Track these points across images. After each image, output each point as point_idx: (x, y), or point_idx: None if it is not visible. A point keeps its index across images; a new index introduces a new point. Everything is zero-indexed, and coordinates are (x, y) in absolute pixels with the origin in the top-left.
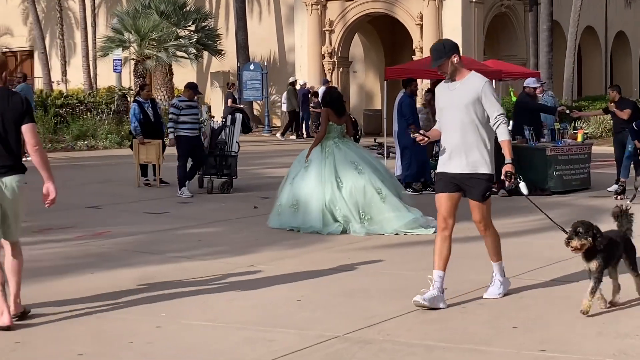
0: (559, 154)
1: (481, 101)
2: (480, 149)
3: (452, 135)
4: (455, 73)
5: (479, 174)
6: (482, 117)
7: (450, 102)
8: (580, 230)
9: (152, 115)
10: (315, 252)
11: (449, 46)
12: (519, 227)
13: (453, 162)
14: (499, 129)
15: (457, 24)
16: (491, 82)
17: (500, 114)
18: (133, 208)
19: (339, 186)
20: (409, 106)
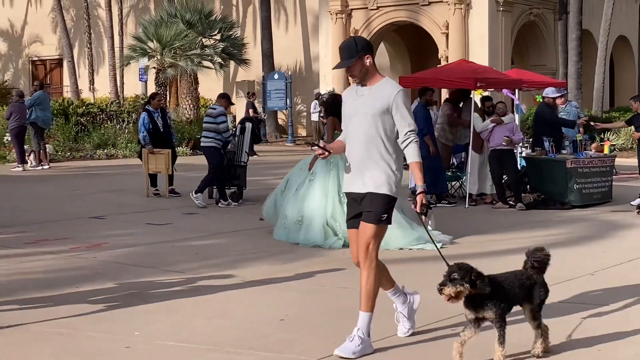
0: (579, 167)
1: (391, 112)
2: (384, 168)
3: (356, 148)
4: (366, 77)
5: (379, 194)
6: (391, 130)
7: (356, 110)
8: (456, 276)
9: (162, 125)
10: (312, 267)
11: (361, 44)
12: (527, 243)
13: (355, 181)
14: (407, 149)
15: (484, 33)
16: (513, 91)
17: (411, 131)
18: (137, 219)
19: (342, 201)
20: (423, 116)
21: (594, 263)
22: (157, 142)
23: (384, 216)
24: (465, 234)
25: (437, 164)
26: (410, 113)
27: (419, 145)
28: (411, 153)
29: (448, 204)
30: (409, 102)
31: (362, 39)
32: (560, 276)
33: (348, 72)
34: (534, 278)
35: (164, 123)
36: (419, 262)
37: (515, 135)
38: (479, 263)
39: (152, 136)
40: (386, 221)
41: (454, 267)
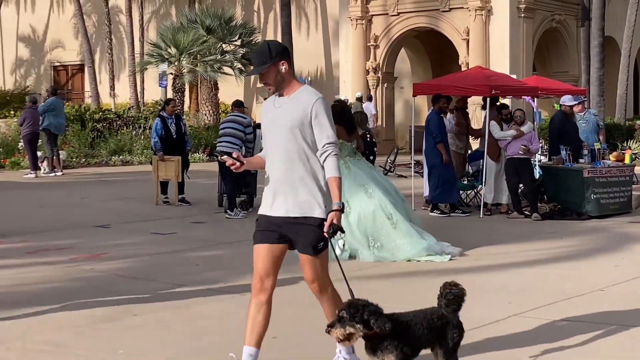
0: (596, 176)
1: (311, 124)
2: (311, 187)
3: (276, 166)
4: (282, 85)
5: (309, 218)
6: (314, 143)
7: (273, 123)
8: (344, 315)
9: (175, 132)
10: None
11: (275, 49)
12: (539, 255)
13: (276, 203)
14: (326, 163)
15: (505, 39)
16: (533, 98)
17: (329, 143)
18: (142, 228)
19: (346, 212)
20: (437, 124)
21: (605, 278)
22: (169, 149)
23: (320, 245)
24: (477, 245)
25: (450, 173)
26: (330, 123)
27: (338, 159)
28: (329, 167)
29: (462, 213)
30: (329, 110)
31: (277, 43)
32: (568, 291)
33: (262, 80)
34: (447, 317)
35: (177, 129)
36: (425, 275)
37: (533, 145)
38: (486, 276)
39: (164, 143)
40: (324, 247)
41: (344, 305)
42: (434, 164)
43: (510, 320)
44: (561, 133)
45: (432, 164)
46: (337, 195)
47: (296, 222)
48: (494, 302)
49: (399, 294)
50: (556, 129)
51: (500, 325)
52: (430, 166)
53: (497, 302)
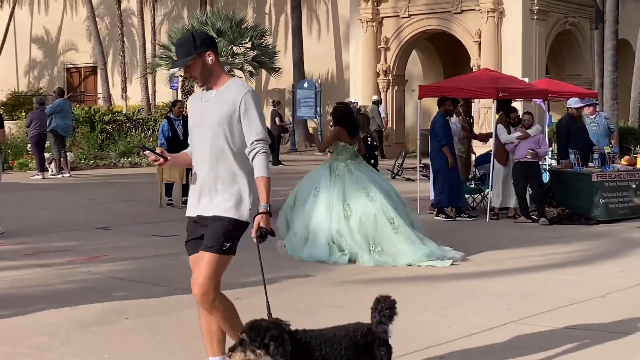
0: (605, 180)
1: (240, 119)
2: (236, 187)
3: (202, 164)
4: (209, 78)
5: (221, 216)
6: (242, 141)
7: (201, 118)
8: (245, 338)
9: (182, 134)
10: (311, 284)
11: (200, 39)
12: (544, 260)
13: (202, 203)
14: (254, 161)
15: (517, 41)
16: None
17: (259, 140)
18: (143, 230)
19: (347, 215)
20: (442, 127)
21: (608, 284)
22: (175, 151)
23: (226, 245)
24: (480, 250)
25: (455, 176)
26: (260, 119)
27: (267, 157)
28: (258, 166)
29: (468, 217)
30: (260, 105)
31: (203, 33)
32: (569, 298)
33: (187, 73)
34: (374, 334)
35: (184, 131)
36: (424, 281)
37: (541, 148)
38: (487, 282)
39: (170, 144)
40: (229, 250)
41: (245, 327)
42: (439, 168)
43: (506, 327)
44: (569, 136)
45: (437, 167)
46: (265, 197)
47: (212, 221)
48: (492, 308)
49: (397, 297)
50: (564, 133)
51: (496, 333)
52: (436, 170)
53: (495, 309)
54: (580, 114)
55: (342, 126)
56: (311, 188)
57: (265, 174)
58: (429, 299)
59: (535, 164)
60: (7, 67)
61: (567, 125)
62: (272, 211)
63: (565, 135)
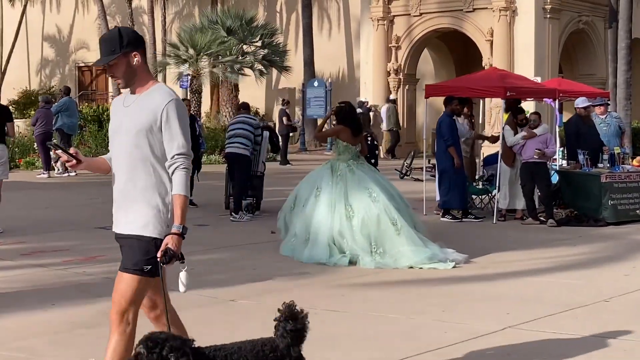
0: (614, 181)
1: (162, 129)
2: (155, 201)
3: (119, 174)
4: (132, 81)
5: (138, 236)
6: (161, 152)
7: (120, 124)
8: (142, 351)
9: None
10: (310, 287)
11: (127, 38)
12: (549, 263)
13: (119, 217)
14: (174, 176)
15: (530, 41)
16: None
17: (180, 154)
18: None
19: (349, 216)
20: (449, 126)
21: (613, 287)
22: None
23: (146, 267)
24: (485, 252)
25: (461, 177)
26: (183, 131)
27: (188, 174)
28: (176, 182)
29: (475, 218)
30: (185, 115)
31: (130, 30)
32: (572, 302)
33: (109, 73)
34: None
35: (191, 131)
36: (425, 284)
37: (549, 148)
38: (488, 285)
39: None
40: (150, 272)
41: (142, 338)
42: (445, 168)
43: (504, 332)
44: (578, 136)
45: (443, 168)
46: (180, 217)
47: (130, 239)
48: (492, 312)
49: (397, 301)
50: (572, 133)
51: (493, 338)
52: (441, 170)
53: (495, 313)
54: (588, 114)
55: (346, 125)
56: (312, 188)
57: (183, 192)
58: (428, 302)
59: (542, 165)
60: (19, 66)
61: (575, 126)
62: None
63: (574, 135)
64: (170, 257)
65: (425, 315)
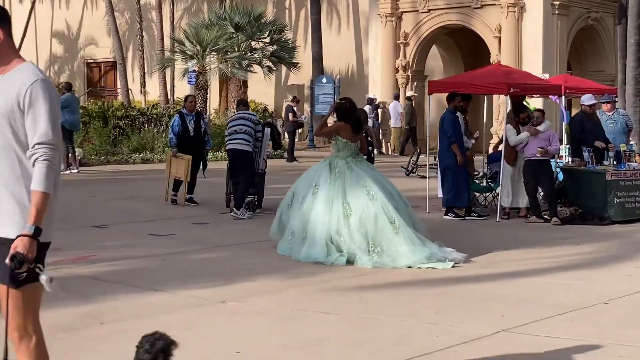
0: (620, 179)
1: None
2: (20, 197)
3: None
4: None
5: (4, 239)
6: (26, 138)
7: None
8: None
9: (193, 130)
10: (304, 287)
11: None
12: (549, 263)
13: None
14: (35, 168)
15: (538, 37)
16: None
17: (42, 143)
18: (140, 228)
19: (347, 214)
20: (451, 123)
21: (613, 289)
22: (185, 147)
23: (22, 274)
24: (486, 251)
25: (464, 175)
26: (49, 116)
27: (51, 167)
28: (34, 176)
29: (478, 216)
30: (54, 98)
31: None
32: (570, 304)
33: None
34: None
35: (196, 127)
36: (421, 284)
37: (552, 145)
38: (486, 286)
39: (180, 140)
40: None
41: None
42: (448, 166)
43: (497, 336)
44: (582, 134)
45: (445, 165)
46: (33, 216)
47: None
48: (487, 314)
49: (392, 302)
50: (577, 130)
51: (485, 342)
52: (444, 168)
53: (490, 315)
54: (594, 111)
55: (346, 122)
56: (310, 185)
57: (40, 188)
58: (422, 304)
59: (545, 162)
60: None
61: (580, 123)
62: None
63: (578, 132)
64: (20, 262)
65: (418, 318)
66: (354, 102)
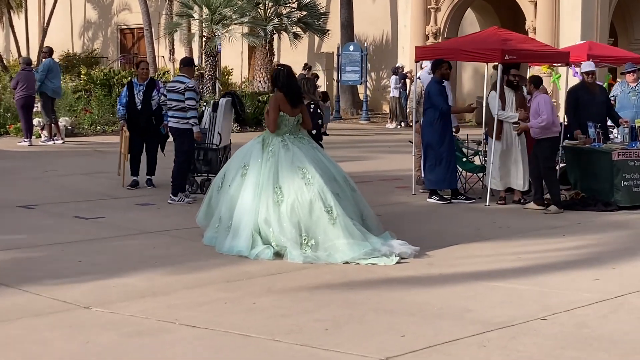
0: (629, 159)
1: None
2: None
3: None
4: None
5: None
6: None
7: None
8: None
9: (141, 102)
10: (200, 288)
11: None
12: (515, 261)
13: None
14: None
15: (577, 3)
16: None
17: None
18: (71, 209)
19: (278, 200)
20: (438, 93)
21: (567, 299)
22: (132, 121)
23: None
24: (452, 242)
25: (449, 152)
26: None
27: None
28: None
29: (466, 199)
30: None
31: None
32: (498, 320)
33: None
34: None
35: (144, 99)
36: (338, 288)
37: (540, 117)
38: (416, 291)
39: (128, 113)
40: None
41: None
42: (430, 143)
43: None
44: (576, 107)
45: (428, 141)
46: None
47: None
48: (385, 332)
49: (278, 315)
50: (572, 105)
51: None
52: (426, 145)
53: (387, 334)
54: (594, 81)
55: (281, 92)
56: (239, 166)
57: None
58: (317, 315)
59: (542, 141)
60: (63, 28)
61: (574, 94)
62: None
63: (572, 106)
64: None
65: (297, 336)
66: (291, 69)
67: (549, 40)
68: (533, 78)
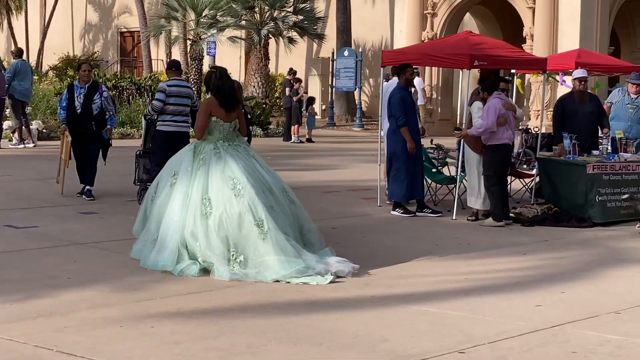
0: (604, 173)
1: None
2: None
3: None
4: None
5: None
6: None
7: None
8: None
9: (80, 105)
10: (101, 311)
11: None
12: (459, 282)
13: None
14: None
15: (576, 10)
16: None
17: None
18: (2, 217)
19: (206, 213)
20: (400, 102)
21: (496, 328)
22: (72, 125)
23: None
24: (400, 260)
25: (415, 163)
26: None
27: None
28: None
29: (432, 213)
30: None
31: None
32: (410, 352)
33: None
34: None
35: (85, 102)
36: (251, 312)
37: (483, 123)
38: (338, 317)
39: (68, 117)
40: None
41: None
42: (395, 152)
43: None
44: (562, 117)
45: (392, 151)
46: None
47: None
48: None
49: (180, 341)
50: (558, 115)
51: None
52: (391, 154)
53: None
54: (584, 89)
55: (214, 96)
56: (169, 175)
57: None
58: (215, 343)
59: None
60: (63, 31)
61: (561, 104)
62: None
63: (559, 116)
64: None
65: None
66: (226, 72)
67: (547, 47)
68: (486, 84)
